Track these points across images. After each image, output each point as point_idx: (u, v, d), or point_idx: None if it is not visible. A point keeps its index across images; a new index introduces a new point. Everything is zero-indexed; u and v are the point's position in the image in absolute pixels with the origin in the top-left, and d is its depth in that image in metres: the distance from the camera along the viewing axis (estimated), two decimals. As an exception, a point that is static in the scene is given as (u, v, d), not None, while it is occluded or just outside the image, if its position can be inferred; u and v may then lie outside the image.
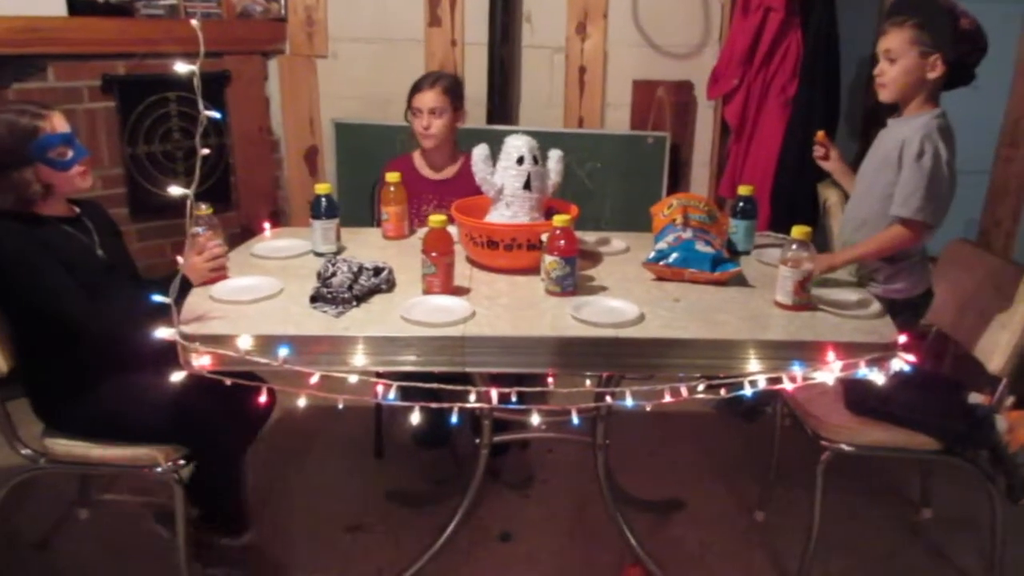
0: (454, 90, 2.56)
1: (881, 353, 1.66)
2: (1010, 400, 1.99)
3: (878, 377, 1.65)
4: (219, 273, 1.89)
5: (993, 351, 1.99)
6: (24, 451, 1.90)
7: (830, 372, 1.63)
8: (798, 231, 1.80)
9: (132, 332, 1.65)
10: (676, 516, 2.47)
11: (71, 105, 2.92)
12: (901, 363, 1.66)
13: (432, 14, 3.47)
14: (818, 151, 2.29)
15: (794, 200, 3.09)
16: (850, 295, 1.89)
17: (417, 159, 2.64)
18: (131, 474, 2.05)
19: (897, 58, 1.99)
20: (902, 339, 1.67)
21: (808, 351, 1.65)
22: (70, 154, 1.86)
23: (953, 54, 1.95)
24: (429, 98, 2.50)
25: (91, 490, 2.37)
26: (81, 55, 2.97)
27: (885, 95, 2.06)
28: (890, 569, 2.29)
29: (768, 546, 2.36)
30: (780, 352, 1.67)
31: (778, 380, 1.65)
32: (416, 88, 2.54)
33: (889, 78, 2.01)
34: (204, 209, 1.92)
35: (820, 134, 2.29)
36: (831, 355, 1.63)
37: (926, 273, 2.16)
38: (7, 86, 2.81)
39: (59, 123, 1.86)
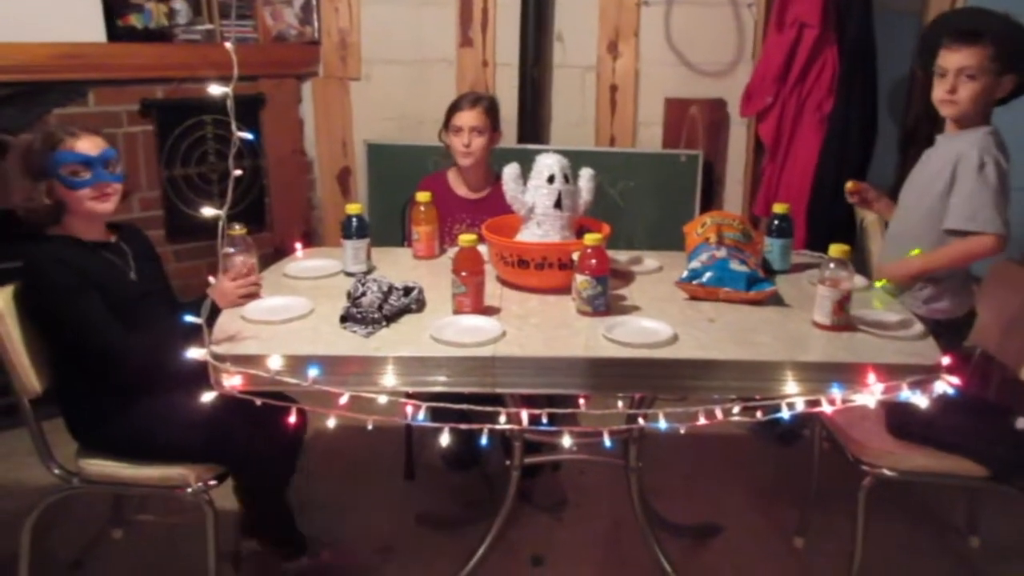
0: (492, 111, 2.58)
1: (924, 375, 1.60)
2: (1061, 425, 1.92)
3: (921, 400, 1.60)
4: (249, 299, 1.90)
5: (1042, 373, 1.92)
6: (57, 471, 1.92)
7: (871, 395, 1.58)
8: (836, 249, 1.76)
9: (165, 359, 1.65)
10: (712, 541, 2.42)
11: (110, 129, 2.97)
12: (945, 386, 1.60)
13: (464, 35, 3.49)
14: (853, 199, 2.23)
15: (831, 219, 3.04)
16: (891, 316, 1.84)
17: (452, 178, 2.64)
18: (165, 495, 2.04)
19: (975, 76, 1.93)
20: (946, 361, 1.62)
21: (848, 373, 1.61)
22: (86, 176, 1.86)
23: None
24: (471, 116, 2.51)
25: (125, 510, 2.38)
26: (121, 80, 3.03)
27: (951, 111, 2.00)
28: (936, 599, 2.22)
29: (807, 573, 2.29)
30: (819, 374, 1.62)
31: (817, 403, 1.60)
32: (456, 107, 2.55)
33: (963, 96, 1.95)
34: (238, 229, 1.94)
35: (850, 184, 2.23)
36: (872, 377, 1.58)
37: (969, 293, 2.10)
38: (49, 111, 2.87)
39: (85, 145, 1.87)
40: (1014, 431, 1.92)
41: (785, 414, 1.60)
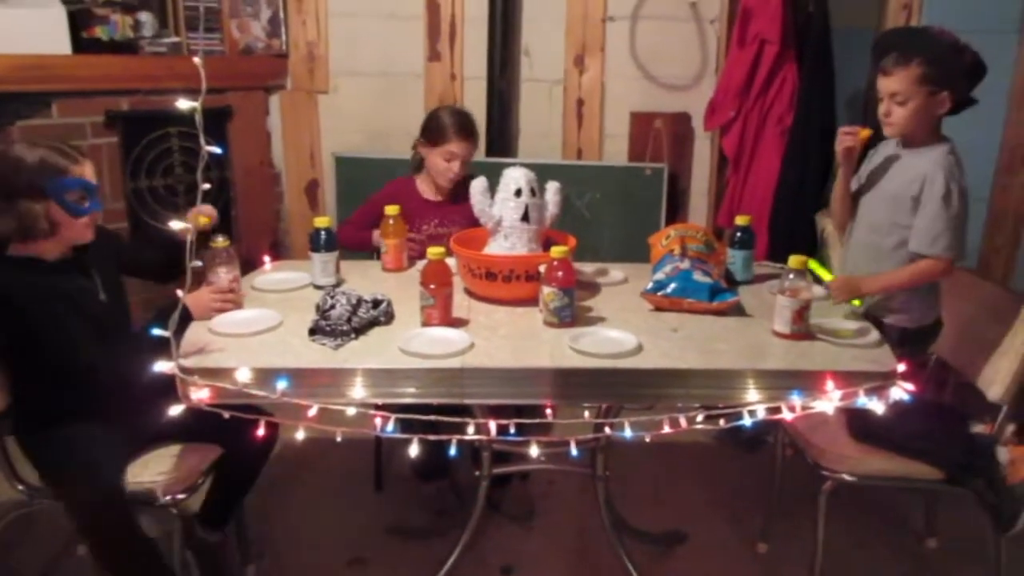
0: (477, 138, 2.61)
1: (880, 382, 1.65)
2: (1010, 428, 1.98)
3: (877, 406, 1.65)
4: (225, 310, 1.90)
5: (993, 379, 1.99)
6: (20, 487, 1.89)
7: (829, 401, 1.63)
8: (795, 260, 1.81)
9: (138, 374, 1.64)
10: (678, 548, 2.45)
11: (74, 141, 2.94)
12: (900, 392, 1.65)
13: (432, 49, 3.52)
14: (848, 140, 2.10)
15: (792, 229, 3.11)
16: (849, 324, 1.89)
17: (420, 184, 2.65)
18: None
19: (906, 100, 1.96)
20: (901, 368, 1.67)
21: (807, 380, 1.65)
22: (87, 204, 1.85)
23: (963, 91, 1.95)
24: (467, 148, 2.53)
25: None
26: (85, 92, 3.00)
27: (892, 132, 2.04)
28: (896, 601, 2.27)
29: (772, 578, 2.33)
30: (779, 381, 1.67)
31: (777, 410, 1.64)
32: (453, 134, 2.50)
33: (897, 118, 2.00)
34: (220, 242, 1.94)
35: (865, 133, 2.10)
36: (830, 384, 1.63)
37: (937, 302, 2.15)
38: (11, 123, 2.84)
39: (89, 171, 1.87)
40: (968, 435, 1.98)
41: (747, 421, 1.64)
